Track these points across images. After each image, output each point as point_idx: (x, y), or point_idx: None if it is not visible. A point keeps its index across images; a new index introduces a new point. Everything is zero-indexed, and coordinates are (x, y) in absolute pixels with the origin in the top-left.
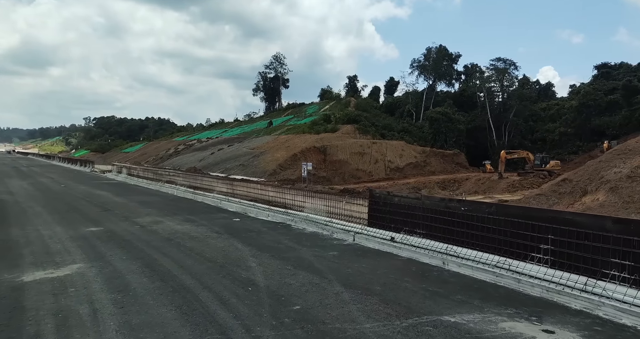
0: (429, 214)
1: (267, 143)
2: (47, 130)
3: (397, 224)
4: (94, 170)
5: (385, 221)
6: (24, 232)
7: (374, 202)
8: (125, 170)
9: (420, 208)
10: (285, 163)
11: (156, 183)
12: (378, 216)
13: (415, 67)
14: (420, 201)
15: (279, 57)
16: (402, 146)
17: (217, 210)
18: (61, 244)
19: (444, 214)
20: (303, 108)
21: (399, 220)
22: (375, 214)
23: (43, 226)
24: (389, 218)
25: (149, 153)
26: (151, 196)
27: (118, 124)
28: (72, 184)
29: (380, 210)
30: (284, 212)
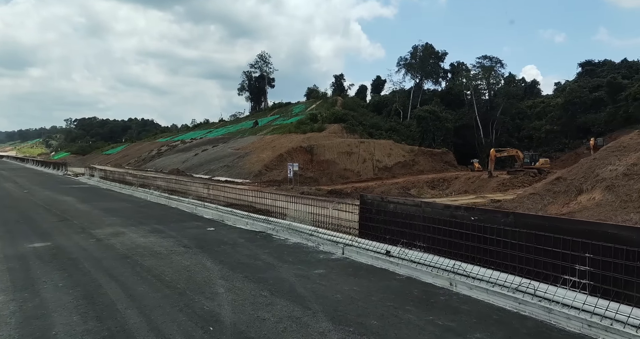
0: (431, 224)
1: (253, 143)
2: (27, 132)
3: (394, 235)
4: (67, 173)
5: (379, 231)
6: None
7: (366, 209)
8: (97, 173)
9: (420, 217)
10: (270, 163)
11: (130, 188)
12: (371, 226)
13: (402, 66)
14: (420, 208)
15: (264, 56)
16: (391, 145)
17: (192, 217)
18: None
19: (449, 224)
20: (289, 108)
21: (395, 230)
22: (367, 223)
23: None
24: (384, 228)
25: (130, 155)
26: (120, 202)
27: (100, 125)
28: (36, 189)
29: (374, 218)
30: (264, 220)
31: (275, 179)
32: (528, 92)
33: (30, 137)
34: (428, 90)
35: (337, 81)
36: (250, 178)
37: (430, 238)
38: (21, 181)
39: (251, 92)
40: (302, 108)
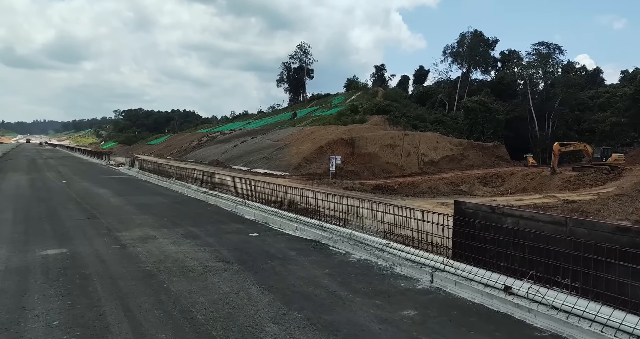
0: (587, 254)
1: (292, 135)
2: (80, 123)
3: (514, 263)
4: (109, 163)
5: (487, 255)
6: None
7: (465, 223)
8: (137, 164)
9: (565, 241)
10: (310, 156)
11: (167, 180)
12: (473, 247)
13: (447, 54)
14: (564, 228)
15: (303, 46)
16: (437, 138)
17: (231, 217)
18: None
19: (625, 257)
20: (328, 99)
21: (517, 256)
22: (466, 242)
23: None
24: (496, 252)
25: (173, 146)
26: (156, 196)
27: (145, 116)
28: (75, 180)
29: (479, 236)
30: (317, 226)
31: (315, 172)
32: (589, 82)
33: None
34: (476, 80)
35: (377, 72)
36: (290, 170)
37: (589, 276)
38: (64, 171)
39: (290, 83)
40: (342, 99)
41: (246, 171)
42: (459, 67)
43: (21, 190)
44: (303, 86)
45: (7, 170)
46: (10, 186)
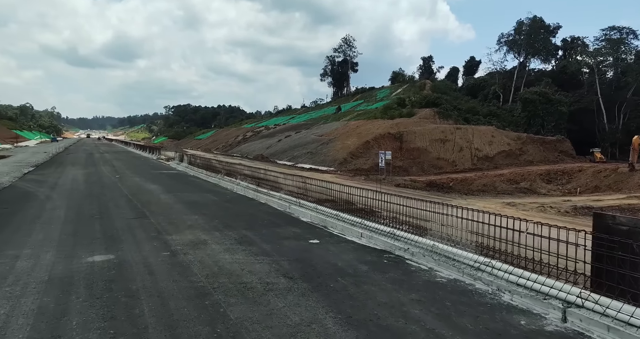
0: None
1: (337, 129)
2: (134, 118)
3: None
4: (160, 158)
5: None
6: None
7: (613, 243)
8: (186, 159)
9: None
10: (356, 151)
11: (216, 176)
12: (627, 277)
13: (503, 43)
14: None
15: (348, 39)
16: (492, 132)
17: (286, 219)
18: (11, 304)
19: None
20: (373, 93)
21: None
22: (617, 270)
23: (34, 247)
24: None
25: (219, 140)
26: (205, 193)
27: (193, 112)
28: (127, 175)
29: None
30: (388, 234)
31: (361, 168)
32: None
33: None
34: (534, 70)
35: (424, 64)
36: (335, 165)
37: None
38: (117, 165)
39: (334, 77)
40: (387, 92)
41: (291, 167)
42: (515, 57)
43: (76, 185)
44: (347, 80)
45: (66, 164)
46: (67, 181)
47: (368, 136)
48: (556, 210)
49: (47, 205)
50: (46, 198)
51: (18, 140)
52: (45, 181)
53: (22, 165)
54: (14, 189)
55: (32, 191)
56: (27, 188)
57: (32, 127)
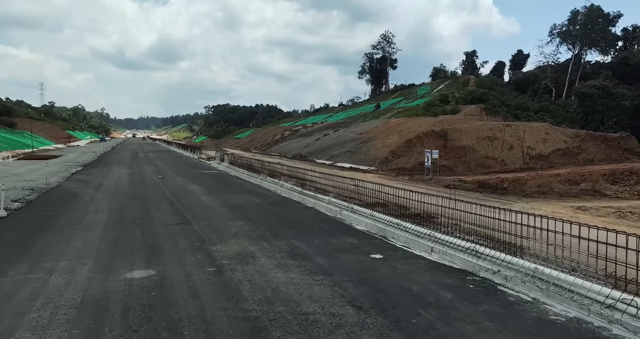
0: None
1: (376, 127)
2: (176, 118)
3: None
4: (200, 157)
5: None
6: (23, 276)
7: None
8: (227, 158)
9: None
10: (398, 149)
11: (258, 176)
12: None
13: (555, 35)
14: None
15: (387, 35)
16: (546, 129)
17: (337, 226)
18: None
19: None
20: (413, 90)
21: None
22: None
23: (71, 258)
24: None
25: (257, 139)
26: (248, 195)
27: (232, 111)
28: (169, 175)
29: None
30: (469, 250)
31: (403, 167)
32: None
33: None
34: (590, 63)
35: (467, 59)
36: (376, 165)
37: None
38: (160, 165)
39: (372, 74)
40: (428, 89)
41: (330, 166)
42: (569, 49)
43: (120, 185)
44: (386, 77)
45: (112, 163)
46: (111, 181)
47: (410, 134)
48: (639, 216)
49: (90, 208)
50: (90, 200)
51: (70, 140)
52: (91, 182)
53: (71, 164)
54: (61, 190)
55: (77, 192)
56: (73, 189)
57: (83, 128)
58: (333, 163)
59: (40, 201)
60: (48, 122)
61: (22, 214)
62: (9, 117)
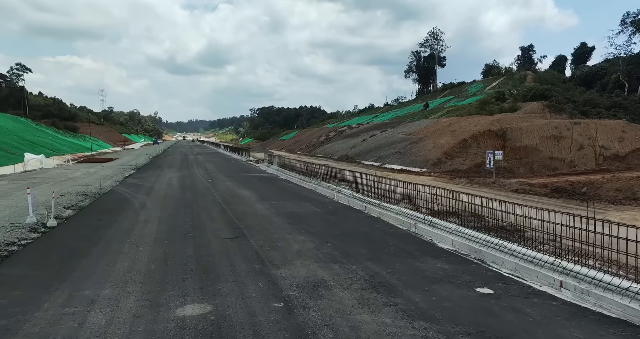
0: None
1: (426, 127)
2: (223, 121)
3: None
4: (249, 159)
5: None
6: (59, 310)
7: None
8: (276, 161)
9: None
10: (451, 150)
11: (310, 181)
12: None
13: (628, 24)
14: None
15: (435, 33)
16: (622, 126)
17: (416, 243)
18: None
19: None
20: (463, 88)
21: None
22: None
23: (116, 285)
24: None
25: (302, 141)
26: (304, 202)
27: (276, 113)
28: (219, 178)
29: None
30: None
31: (458, 169)
32: None
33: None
34: None
35: (524, 54)
36: (428, 166)
37: None
38: (210, 168)
39: (419, 73)
40: (480, 87)
41: (378, 167)
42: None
43: (171, 190)
44: (433, 75)
45: (164, 166)
46: (162, 186)
47: (464, 134)
48: None
49: (140, 216)
50: (140, 207)
51: (126, 143)
52: (142, 186)
53: (125, 168)
54: (113, 195)
55: (128, 197)
56: (125, 194)
57: (138, 131)
58: (381, 165)
59: (91, 208)
60: (107, 126)
61: (72, 223)
62: (73, 122)
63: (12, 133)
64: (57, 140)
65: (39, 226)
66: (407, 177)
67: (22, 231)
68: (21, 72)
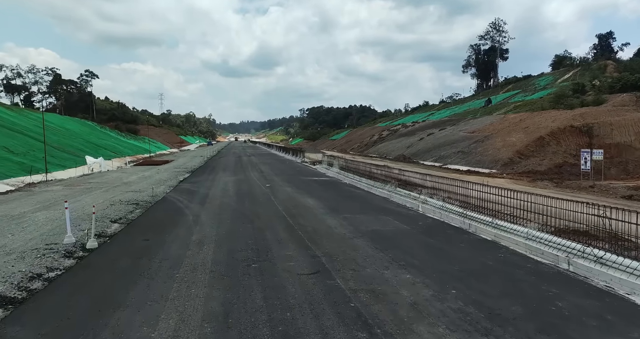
0: None
1: (492, 124)
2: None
3: None
4: (304, 161)
5: None
6: None
7: None
8: (336, 163)
9: None
10: (525, 149)
11: (382, 187)
12: None
13: None
14: None
15: (497, 24)
16: None
17: (594, 295)
18: None
19: None
20: (529, 82)
21: None
22: None
23: None
24: None
25: (353, 140)
26: (384, 215)
27: (326, 113)
28: (277, 183)
29: None
30: None
31: (535, 169)
32: None
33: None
34: None
35: (601, 42)
36: (498, 167)
37: None
38: (265, 171)
39: (478, 67)
40: (550, 80)
41: (440, 168)
42: None
43: (227, 198)
44: (494, 69)
45: (218, 169)
46: (217, 192)
47: (540, 131)
48: None
49: (193, 235)
50: (194, 221)
51: (182, 145)
52: (197, 193)
53: (179, 171)
54: (166, 204)
55: (181, 207)
56: (178, 203)
57: (194, 133)
58: (443, 165)
59: (140, 221)
60: (165, 128)
61: (114, 245)
62: (134, 125)
63: (78, 136)
64: (119, 142)
65: (77, 248)
66: (480, 179)
67: (55, 257)
68: (89, 78)
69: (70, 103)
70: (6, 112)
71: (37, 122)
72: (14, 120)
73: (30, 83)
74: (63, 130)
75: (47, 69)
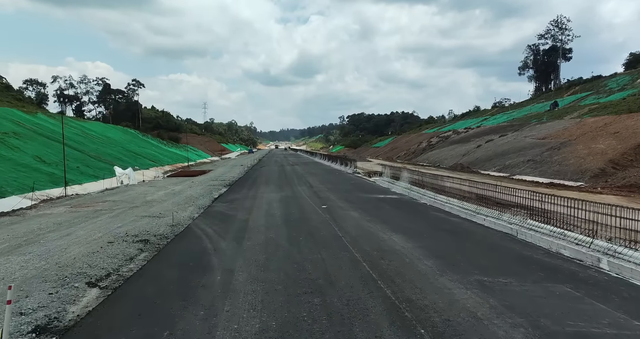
0: None
1: (566, 129)
2: (312, 129)
3: None
4: (356, 172)
5: None
6: None
7: None
8: (405, 176)
9: None
10: (622, 158)
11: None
12: None
13: None
14: None
15: (559, 21)
16: None
17: None
18: None
19: None
20: (599, 83)
21: None
22: None
23: None
24: None
25: (399, 148)
26: (558, 284)
27: (367, 120)
28: (335, 203)
29: None
30: None
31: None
32: None
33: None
34: None
35: None
36: (586, 179)
37: None
38: (315, 184)
39: (537, 69)
40: (626, 80)
41: (508, 179)
42: None
43: (273, 231)
44: (555, 71)
45: (260, 181)
46: (260, 219)
47: (638, 136)
48: None
49: (219, 327)
50: (223, 287)
51: (223, 152)
52: (233, 220)
53: (216, 184)
54: (186, 242)
55: (208, 249)
56: (204, 241)
57: (235, 140)
58: (510, 176)
59: (137, 285)
60: (207, 136)
61: None
62: (177, 133)
63: (118, 145)
64: (159, 150)
65: None
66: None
67: None
68: (136, 87)
69: (118, 112)
70: (47, 120)
71: (78, 129)
72: (53, 129)
73: (81, 94)
74: (103, 138)
75: (98, 79)
